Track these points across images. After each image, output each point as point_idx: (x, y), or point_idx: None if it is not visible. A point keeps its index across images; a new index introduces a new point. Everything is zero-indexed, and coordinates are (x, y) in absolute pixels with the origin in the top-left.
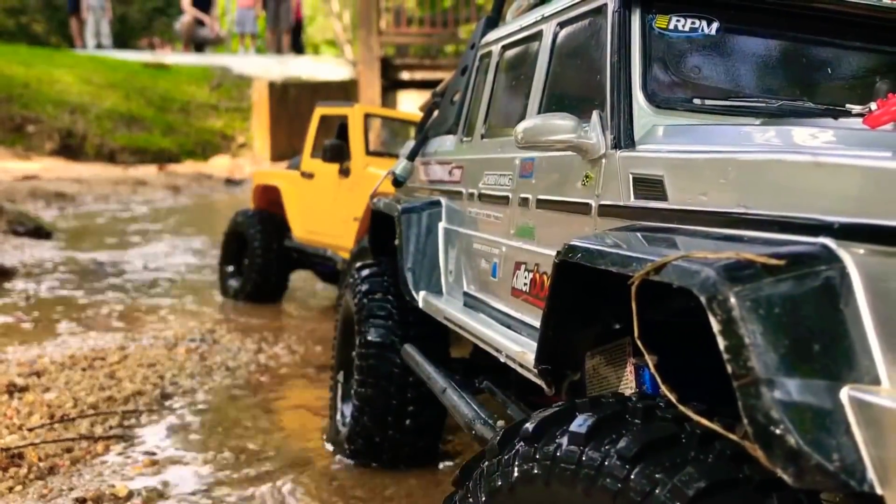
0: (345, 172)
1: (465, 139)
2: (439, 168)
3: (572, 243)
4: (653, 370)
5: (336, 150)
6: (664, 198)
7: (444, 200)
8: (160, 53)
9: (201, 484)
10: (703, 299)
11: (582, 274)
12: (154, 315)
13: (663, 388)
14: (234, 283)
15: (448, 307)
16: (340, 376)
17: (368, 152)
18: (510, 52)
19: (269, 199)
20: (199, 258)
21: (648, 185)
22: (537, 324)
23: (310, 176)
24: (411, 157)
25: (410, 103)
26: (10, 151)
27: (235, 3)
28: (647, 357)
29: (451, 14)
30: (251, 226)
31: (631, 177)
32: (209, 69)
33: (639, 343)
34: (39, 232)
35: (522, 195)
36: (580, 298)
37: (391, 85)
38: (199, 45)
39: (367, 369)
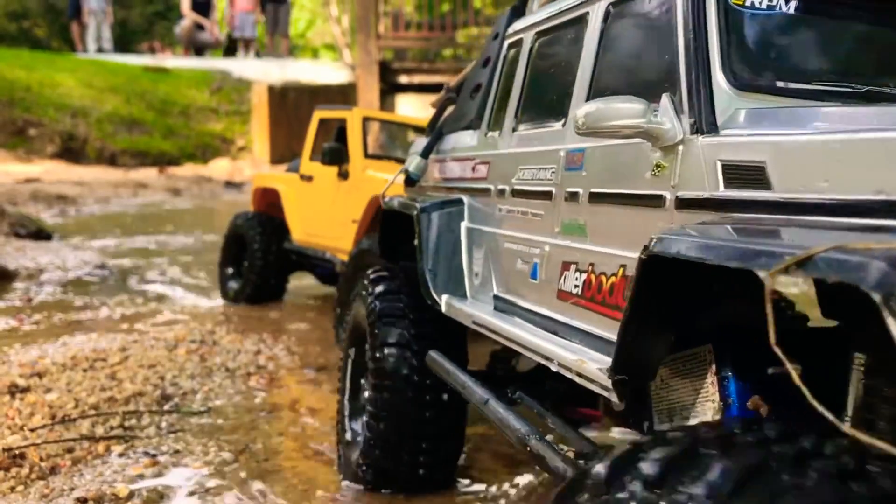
0: (343, 175)
1: (490, 133)
2: (458, 165)
3: (664, 237)
4: (798, 382)
5: (335, 153)
6: (767, 186)
7: (465, 198)
8: (160, 57)
9: (201, 485)
10: (876, 297)
11: (667, 273)
12: (154, 316)
13: (816, 406)
14: (233, 284)
15: (477, 311)
16: (347, 384)
17: (367, 155)
18: (546, 39)
19: (269, 202)
20: (199, 260)
21: (744, 173)
22: (592, 329)
23: (309, 179)
24: (425, 154)
25: (409, 106)
26: (11, 154)
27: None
28: (789, 367)
29: (448, 18)
30: (251, 228)
31: (719, 165)
32: (209, 73)
33: (777, 350)
34: (41, 234)
35: (570, 189)
36: (660, 301)
37: (389, 88)
38: (198, 49)
39: (382, 389)
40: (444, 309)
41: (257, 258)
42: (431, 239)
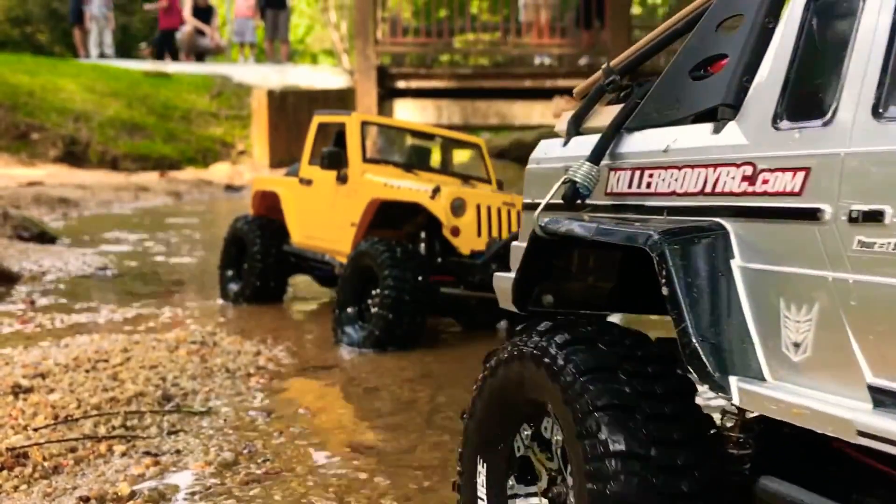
0: (342, 179)
1: (791, 124)
2: (687, 174)
3: None
4: None
5: (334, 157)
6: None
7: (727, 224)
8: (161, 63)
9: (201, 484)
10: None
11: None
12: (156, 318)
13: None
14: (234, 286)
15: (859, 416)
16: (482, 470)
17: (365, 159)
18: None
19: (269, 205)
20: (200, 262)
21: None
22: None
23: (308, 182)
24: (595, 158)
25: (406, 111)
26: (14, 158)
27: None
28: None
29: (445, 24)
30: (251, 231)
31: None
32: (209, 78)
33: None
34: (44, 237)
35: None
36: None
37: (387, 93)
38: (199, 55)
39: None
40: (735, 398)
41: (257, 260)
42: (691, 286)
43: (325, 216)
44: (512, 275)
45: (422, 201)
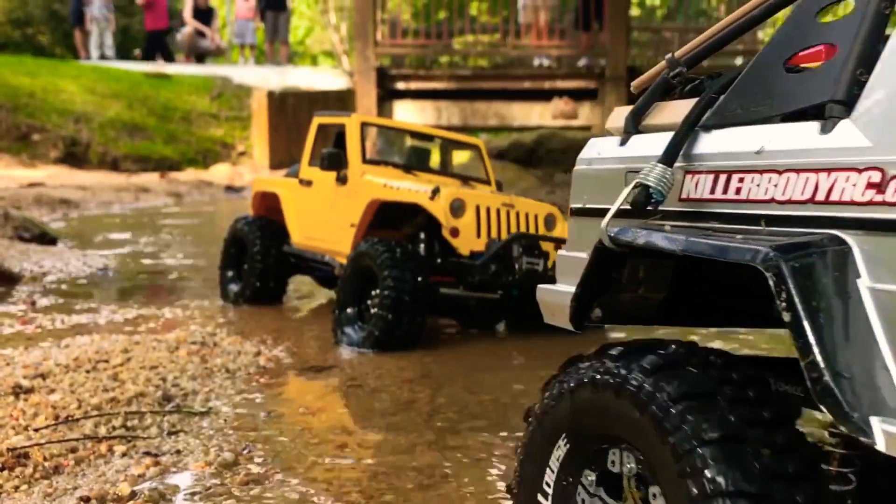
0: (342, 180)
1: None
2: (789, 179)
3: None
4: None
5: (333, 158)
6: None
7: (850, 238)
8: (162, 64)
9: (201, 485)
10: None
11: None
12: (156, 318)
13: None
14: (234, 287)
15: None
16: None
17: (365, 160)
18: None
19: (269, 206)
20: (200, 263)
21: None
22: None
23: (308, 183)
24: (669, 160)
25: (406, 112)
26: (15, 159)
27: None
28: None
29: (445, 26)
30: (251, 232)
31: None
32: (210, 79)
33: None
34: (44, 237)
35: None
36: None
37: (387, 95)
38: (199, 56)
39: None
40: (881, 444)
41: (257, 261)
42: (818, 312)
43: (324, 217)
44: (564, 288)
45: (421, 202)
